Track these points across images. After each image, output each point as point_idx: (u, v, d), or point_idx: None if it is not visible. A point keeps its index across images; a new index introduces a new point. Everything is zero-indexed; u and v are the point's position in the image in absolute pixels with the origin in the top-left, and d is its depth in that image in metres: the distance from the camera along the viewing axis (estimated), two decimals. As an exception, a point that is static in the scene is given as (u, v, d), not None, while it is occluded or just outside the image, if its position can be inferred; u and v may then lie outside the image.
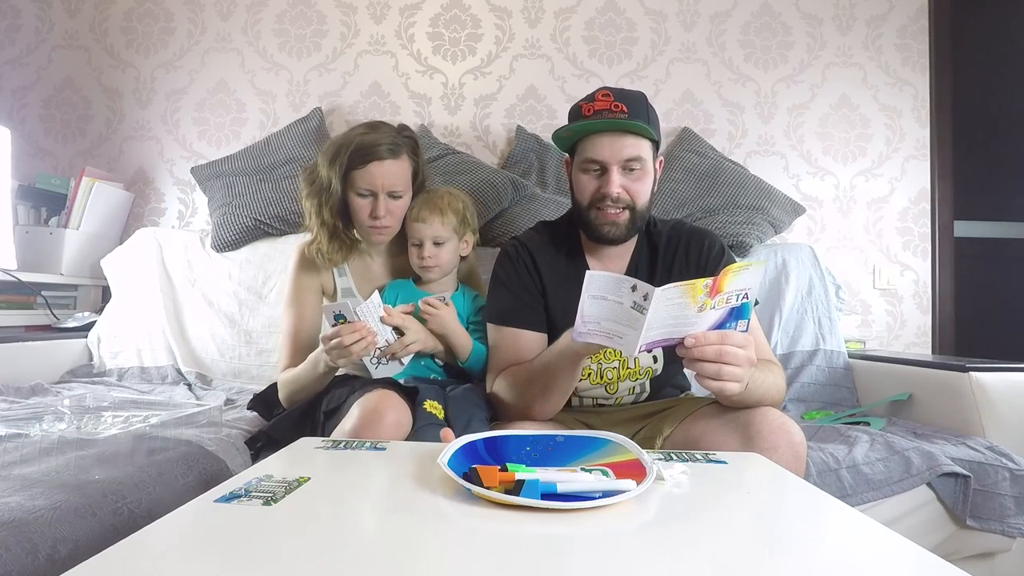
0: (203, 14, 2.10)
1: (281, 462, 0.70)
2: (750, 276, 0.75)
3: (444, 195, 1.21)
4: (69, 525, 0.71)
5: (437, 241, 1.18)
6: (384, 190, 1.16)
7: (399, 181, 1.17)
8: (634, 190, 1.02)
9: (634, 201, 1.03)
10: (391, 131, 1.19)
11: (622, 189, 1.01)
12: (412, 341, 1.08)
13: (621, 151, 1.00)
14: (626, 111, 1.00)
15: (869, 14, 2.04)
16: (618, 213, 1.03)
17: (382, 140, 1.15)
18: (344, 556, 0.45)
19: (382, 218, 1.17)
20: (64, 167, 2.08)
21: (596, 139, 1.01)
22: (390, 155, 1.15)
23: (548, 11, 2.06)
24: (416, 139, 1.24)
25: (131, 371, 1.68)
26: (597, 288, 0.75)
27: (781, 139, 2.03)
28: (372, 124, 1.21)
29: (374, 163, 1.14)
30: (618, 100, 1.01)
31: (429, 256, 1.18)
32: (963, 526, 1.15)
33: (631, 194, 1.02)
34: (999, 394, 1.27)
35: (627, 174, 1.02)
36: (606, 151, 1.01)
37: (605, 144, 1.01)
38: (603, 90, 1.03)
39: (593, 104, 1.02)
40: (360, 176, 1.15)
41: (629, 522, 0.53)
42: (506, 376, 1.05)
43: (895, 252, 2.01)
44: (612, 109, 1.00)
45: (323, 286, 1.28)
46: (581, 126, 1.01)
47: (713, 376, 0.78)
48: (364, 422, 0.92)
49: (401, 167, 1.18)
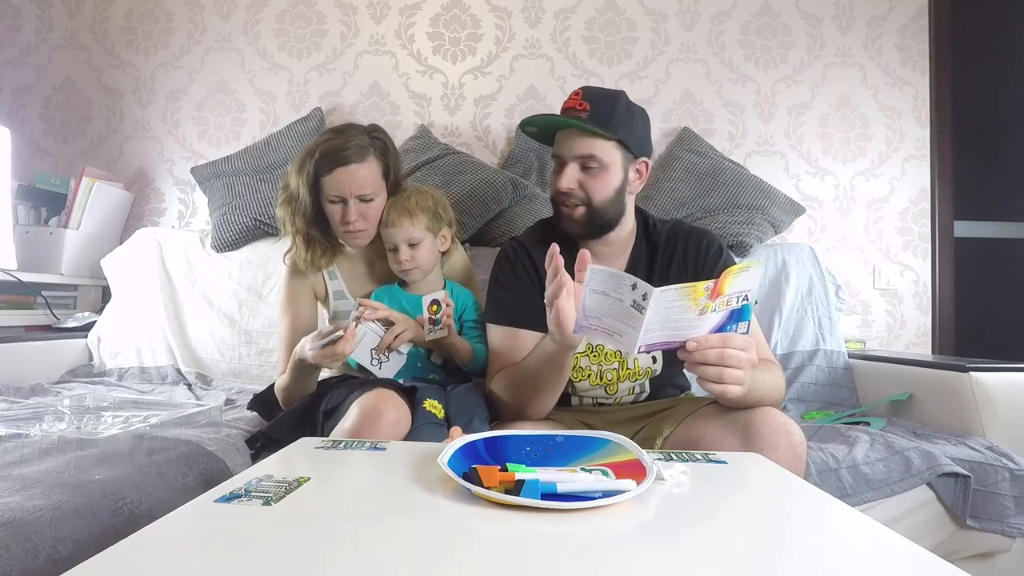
0: (203, 14, 2.10)
1: (281, 462, 0.70)
2: (750, 277, 0.75)
3: (412, 195, 1.19)
4: (69, 525, 0.71)
5: (411, 243, 1.16)
6: (353, 195, 1.15)
7: (368, 184, 1.16)
8: (589, 186, 1.03)
9: (590, 197, 1.04)
10: (357, 133, 1.17)
11: (577, 185, 1.03)
12: (402, 330, 1.11)
13: (574, 148, 1.03)
14: (588, 110, 1.01)
15: (869, 14, 2.04)
16: (573, 208, 1.05)
17: (348, 144, 1.14)
18: (344, 556, 0.45)
19: (354, 222, 1.16)
20: (64, 167, 2.08)
21: (559, 135, 1.05)
22: (356, 159, 1.14)
23: (548, 11, 2.06)
24: (386, 139, 1.22)
25: (131, 371, 1.68)
26: (598, 283, 0.75)
27: (781, 139, 2.03)
28: (339, 128, 1.20)
29: (340, 168, 1.13)
30: (585, 99, 1.02)
31: (406, 259, 1.16)
32: (963, 526, 1.15)
33: (587, 190, 1.04)
34: (999, 394, 1.27)
35: (585, 171, 1.04)
36: (564, 147, 1.04)
37: (562, 141, 1.04)
38: (578, 88, 1.05)
39: (566, 101, 1.05)
40: (328, 183, 1.15)
41: (629, 522, 0.53)
42: (501, 377, 1.06)
43: (895, 252, 2.01)
44: (577, 108, 1.02)
45: (315, 290, 1.27)
46: (529, 120, 1.06)
47: (715, 379, 0.78)
48: (363, 421, 0.92)
49: (369, 169, 1.16)
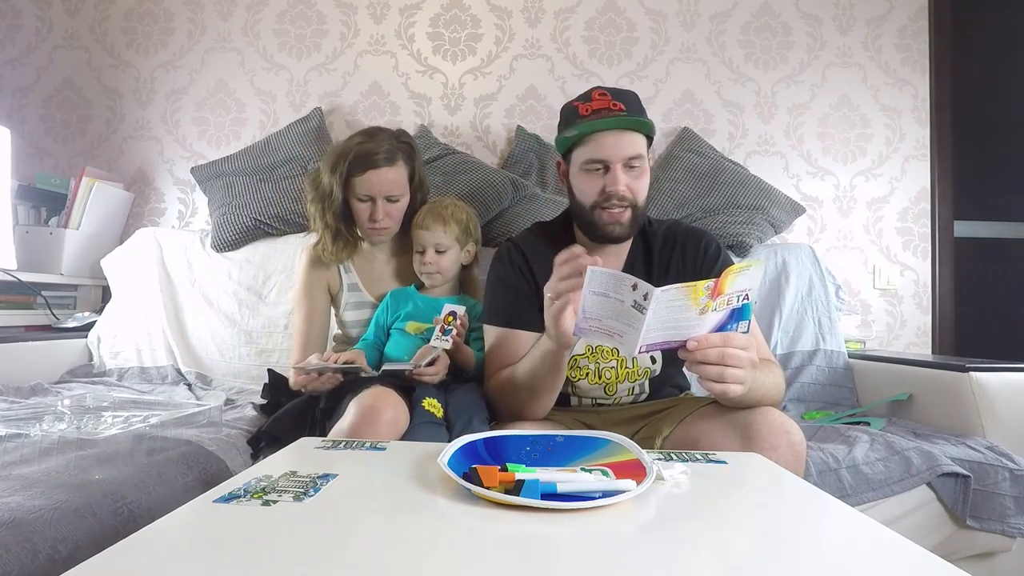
0: (203, 14, 2.10)
1: (280, 463, 0.70)
2: (751, 277, 0.75)
3: (449, 205, 1.27)
4: (69, 525, 0.71)
5: (439, 249, 1.23)
6: (382, 195, 1.23)
7: (396, 186, 1.24)
8: (635, 187, 1.03)
9: (636, 199, 1.03)
10: (388, 138, 1.26)
11: (625, 187, 1.01)
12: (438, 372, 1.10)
13: (624, 149, 1.00)
14: (624, 109, 1.00)
15: (869, 14, 2.04)
16: (622, 211, 1.03)
17: (379, 149, 1.22)
18: (344, 556, 0.45)
19: (380, 221, 1.24)
20: (64, 167, 2.08)
21: (599, 138, 1.00)
22: (386, 163, 1.22)
23: (548, 11, 2.06)
24: (412, 144, 1.31)
25: (131, 371, 1.68)
26: (599, 284, 0.75)
27: (781, 139, 2.03)
28: (370, 132, 1.27)
29: (372, 171, 1.22)
30: (616, 99, 1.00)
31: (431, 262, 1.23)
32: (963, 526, 1.15)
33: (633, 192, 1.02)
34: (999, 394, 1.27)
35: (628, 172, 1.02)
36: (610, 150, 1.00)
37: (608, 143, 1.00)
38: (598, 89, 1.03)
39: (590, 104, 1.01)
40: (359, 183, 1.23)
41: (629, 522, 0.53)
42: (498, 378, 1.06)
43: (895, 252, 2.01)
44: (611, 108, 1.00)
45: (329, 283, 1.34)
46: (590, 125, 1.00)
47: (716, 379, 0.78)
48: (361, 420, 0.92)
49: (397, 173, 1.25)
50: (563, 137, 1.03)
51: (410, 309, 1.25)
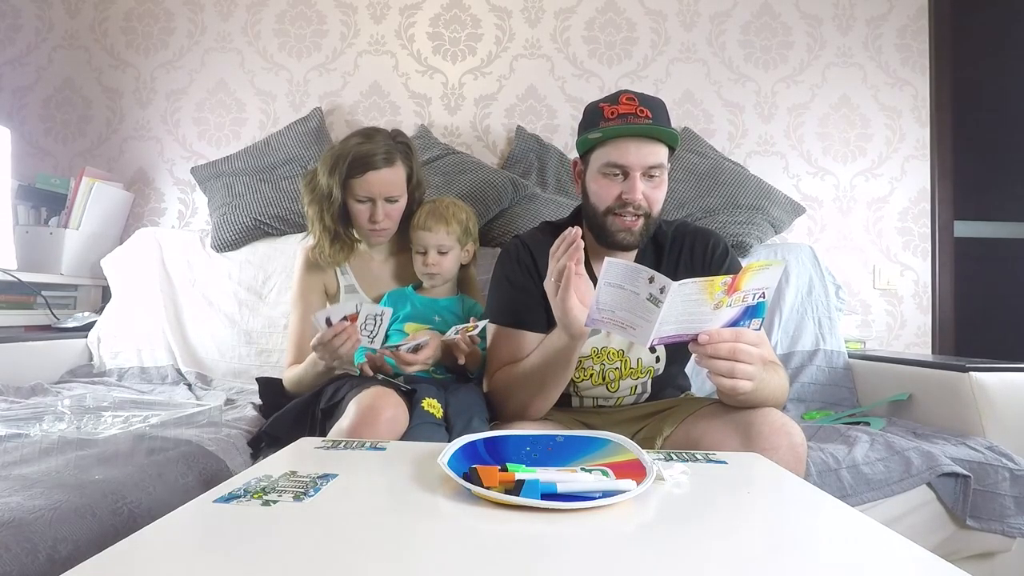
0: (203, 14, 2.10)
1: (280, 463, 0.70)
2: (769, 276, 0.75)
3: (449, 205, 1.26)
4: (69, 525, 0.71)
5: (441, 250, 1.23)
6: (381, 196, 1.22)
7: (394, 187, 1.23)
8: (652, 198, 1.01)
9: (651, 209, 1.02)
10: (385, 139, 1.25)
11: (642, 196, 1.00)
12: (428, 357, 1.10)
13: (647, 157, 0.98)
14: (651, 117, 0.98)
15: (869, 14, 2.04)
16: (635, 220, 1.01)
17: (377, 150, 1.21)
18: (344, 556, 0.45)
19: (380, 222, 1.24)
20: (64, 167, 2.08)
21: (621, 143, 0.98)
22: (385, 164, 1.21)
23: (548, 11, 2.06)
24: (409, 143, 1.29)
25: (131, 371, 1.68)
26: (614, 276, 0.75)
27: (781, 139, 2.03)
28: (367, 133, 1.26)
29: (370, 172, 1.21)
30: (643, 105, 0.98)
31: (433, 263, 1.22)
32: (963, 526, 1.15)
33: (649, 202, 1.01)
34: (999, 394, 1.27)
35: (647, 181, 1.00)
36: (632, 156, 0.98)
37: (631, 149, 0.98)
38: (627, 93, 1.00)
39: (617, 107, 0.99)
40: (358, 184, 1.22)
41: (629, 522, 0.53)
42: (502, 375, 1.05)
43: (895, 252, 2.01)
44: (638, 114, 0.97)
45: (326, 285, 1.33)
46: (614, 129, 0.98)
47: (726, 374, 0.78)
48: (361, 419, 0.92)
49: (396, 174, 1.24)
50: (585, 137, 1.02)
51: (408, 311, 1.24)
